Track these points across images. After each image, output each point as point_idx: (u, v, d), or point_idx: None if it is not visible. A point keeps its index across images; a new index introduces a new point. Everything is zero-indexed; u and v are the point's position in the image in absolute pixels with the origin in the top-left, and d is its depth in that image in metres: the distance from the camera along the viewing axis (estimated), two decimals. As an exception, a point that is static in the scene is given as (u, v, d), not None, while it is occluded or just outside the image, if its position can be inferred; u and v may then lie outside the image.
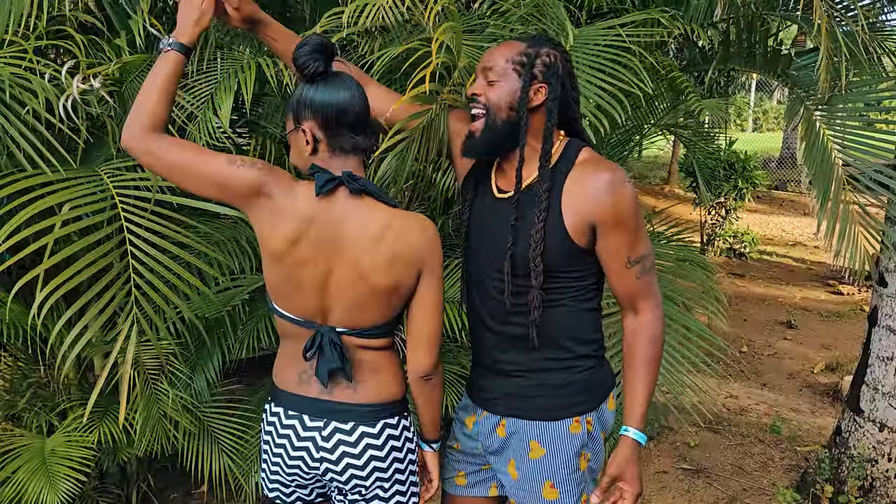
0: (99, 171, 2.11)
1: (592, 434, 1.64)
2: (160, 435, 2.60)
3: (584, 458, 1.64)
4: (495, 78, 1.56)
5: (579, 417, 1.62)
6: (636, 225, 1.55)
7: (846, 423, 3.07)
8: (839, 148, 2.82)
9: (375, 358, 1.61)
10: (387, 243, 1.49)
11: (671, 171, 12.23)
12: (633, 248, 1.55)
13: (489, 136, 1.58)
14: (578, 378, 1.63)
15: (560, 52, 1.59)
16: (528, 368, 1.64)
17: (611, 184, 1.52)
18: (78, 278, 1.93)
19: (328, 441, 1.58)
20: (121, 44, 2.34)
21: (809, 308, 6.36)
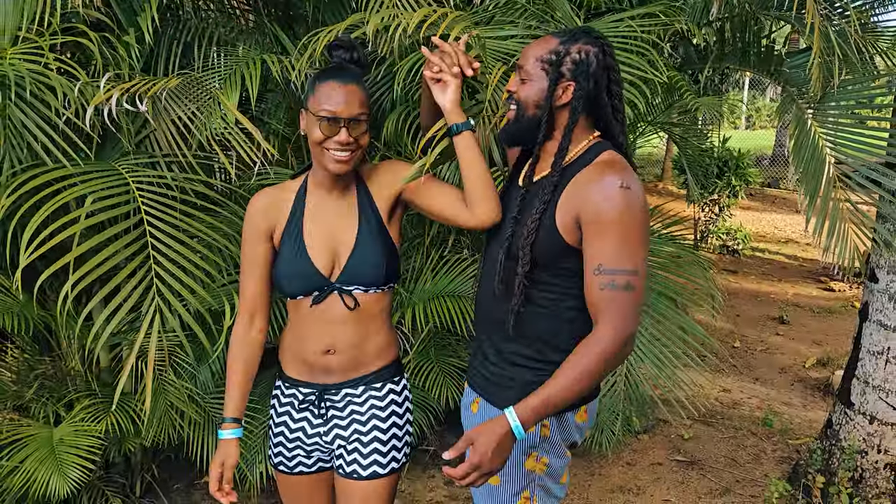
0: (116, 166, 2.16)
1: (549, 439, 1.63)
2: (167, 425, 2.65)
3: (532, 458, 1.64)
4: (525, 77, 1.59)
5: None
6: (623, 235, 1.46)
7: (837, 416, 3.14)
8: (830, 145, 2.89)
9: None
10: None
11: (665, 168, 12.31)
12: (610, 257, 1.45)
13: (515, 129, 1.63)
14: (540, 378, 1.57)
15: (598, 45, 1.56)
16: (502, 357, 1.66)
17: (605, 185, 1.47)
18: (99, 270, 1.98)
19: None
20: (129, 41, 2.39)
21: (801, 304, 6.45)
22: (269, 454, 1.92)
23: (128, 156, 2.25)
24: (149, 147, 2.41)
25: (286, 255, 1.69)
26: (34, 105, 2.03)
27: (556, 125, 1.60)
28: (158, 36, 2.72)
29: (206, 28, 2.89)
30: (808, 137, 2.90)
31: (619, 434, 3.53)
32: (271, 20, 3.20)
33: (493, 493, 1.68)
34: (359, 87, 1.62)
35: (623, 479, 3.41)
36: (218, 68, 2.75)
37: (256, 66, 2.68)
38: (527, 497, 1.67)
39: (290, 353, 1.77)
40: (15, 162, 2.06)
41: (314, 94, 1.61)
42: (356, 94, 1.61)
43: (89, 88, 2.06)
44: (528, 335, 1.62)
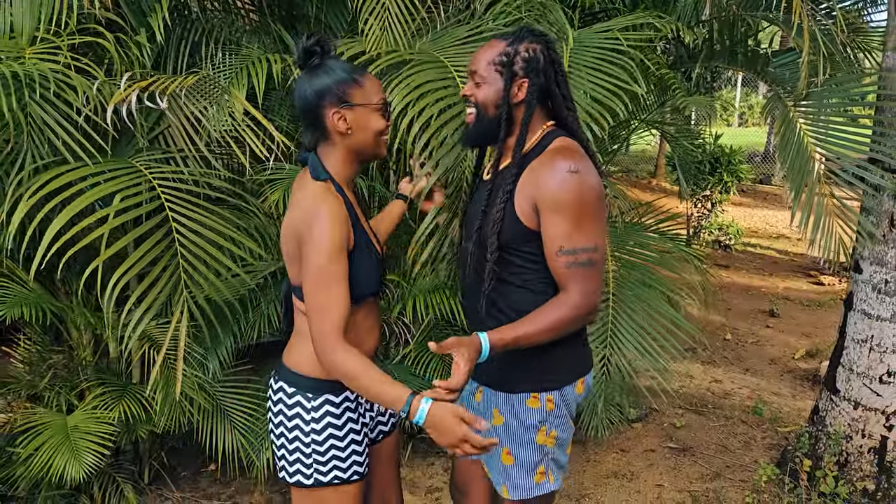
0: (135, 163, 2.24)
1: (555, 412, 1.75)
2: (177, 412, 2.75)
3: (542, 433, 1.75)
4: (480, 80, 1.69)
5: (538, 394, 1.74)
6: (577, 216, 1.56)
7: (823, 403, 3.26)
8: (815, 142, 3.00)
9: (301, 321, 1.70)
10: (293, 201, 1.65)
11: (658, 164, 12.42)
12: (568, 238, 1.57)
13: (477, 130, 1.74)
14: (543, 358, 1.72)
15: (542, 42, 1.67)
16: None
17: (556, 170, 1.57)
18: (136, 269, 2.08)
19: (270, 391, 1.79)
20: (142, 40, 2.47)
21: (791, 298, 6.57)
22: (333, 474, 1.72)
23: (142, 152, 2.34)
24: (161, 143, 2.50)
25: (365, 257, 1.66)
26: (54, 103, 2.12)
27: (514, 120, 1.71)
28: (168, 35, 2.81)
29: (213, 29, 2.98)
30: (793, 134, 3.01)
31: (614, 422, 3.65)
32: (275, 20, 3.29)
33: (509, 472, 1.79)
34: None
35: (617, 465, 3.51)
36: (225, 67, 2.84)
37: (262, 65, 2.77)
38: (542, 472, 1.79)
39: None
40: (37, 158, 2.15)
41: (361, 88, 1.62)
42: None
43: (107, 87, 2.15)
44: (505, 311, 1.72)
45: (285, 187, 2.76)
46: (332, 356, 1.50)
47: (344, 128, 1.61)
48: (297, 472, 1.72)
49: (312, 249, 1.53)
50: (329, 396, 1.70)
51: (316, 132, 1.66)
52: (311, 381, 1.69)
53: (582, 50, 2.57)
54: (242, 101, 2.28)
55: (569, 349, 1.76)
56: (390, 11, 2.61)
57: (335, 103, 1.60)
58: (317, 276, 1.52)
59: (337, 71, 1.61)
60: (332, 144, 1.65)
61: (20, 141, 2.10)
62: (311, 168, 1.64)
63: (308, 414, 1.69)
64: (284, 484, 1.80)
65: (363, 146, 1.66)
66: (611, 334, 3.01)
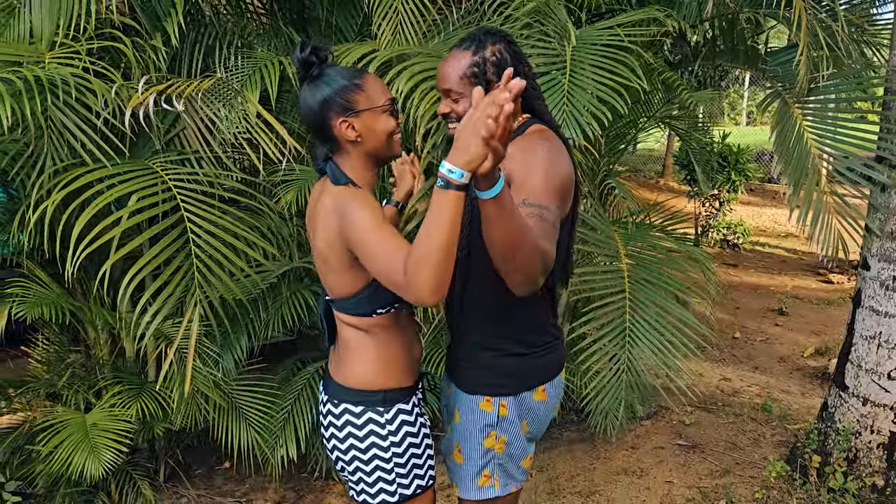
0: (152, 165, 2.29)
1: (507, 418, 1.75)
2: (193, 410, 2.79)
3: (491, 437, 1.76)
4: (457, 96, 1.68)
5: (491, 398, 1.74)
6: (544, 180, 1.53)
7: (832, 399, 3.27)
8: (815, 138, 3.01)
9: (351, 335, 1.66)
10: (315, 214, 1.60)
11: (666, 164, 12.43)
12: (533, 192, 1.52)
13: None
14: (502, 363, 1.73)
15: (503, 41, 1.66)
16: (460, 340, 1.79)
17: (529, 144, 1.58)
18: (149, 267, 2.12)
19: (324, 417, 1.72)
20: (157, 44, 2.52)
21: (800, 296, 6.57)
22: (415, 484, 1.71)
23: (158, 154, 2.39)
24: (176, 145, 2.56)
25: None
26: (74, 107, 2.17)
27: None
28: (182, 39, 2.86)
29: (226, 32, 3.03)
30: (793, 131, 3.03)
31: (623, 420, 3.67)
32: (286, 23, 3.34)
33: (458, 471, 1.82)
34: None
35: (627, 462, 3.54)
36: (238, 70, 2.89)
37: (275, 68, 2.82)
38: (486, 476, 1.79)
39: (400, 364, 1.69)
40: (57, 160, 2.20)
41: (364, 92, 1.57)
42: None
43: (125, 90, 2.19)
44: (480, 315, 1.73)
45: (299, 187, 2.80)
46: (413, 278, 1.32)
47: (353, 136, 1.57)
48: (380, 492, 1.67)
49: (357, 227, 1.47)
50: (401, 405, 1.66)
51: (327, 143, 1.62)
52: (380, 395, 1.63)
53: (584, 47, 2.60)
54: (255, 103, 2.33)
55: (531, 357, 1.77)
56: (402, 14, 2.65)
57: (340, 112, 1.56)
58: (370, 239, 1.45)
59: (337, 79, 1.56)
60: (346, 153, 1.61)
61: (40, 144, 2.15)
62: (331, 175, 1.60)
63: (383, 429, 1.64)
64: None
65: (377, 149, 1.62)
66: (629, 334, 3.04)
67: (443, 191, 1.26)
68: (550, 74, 2.56)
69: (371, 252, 1.44)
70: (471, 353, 1.77)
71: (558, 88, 2.51)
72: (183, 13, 2.92)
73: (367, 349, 1.64)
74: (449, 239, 1.27)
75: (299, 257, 3.13)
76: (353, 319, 1.63)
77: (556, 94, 2.50)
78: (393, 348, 1.67)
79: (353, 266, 1.55)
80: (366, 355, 1.64)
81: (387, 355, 1.66)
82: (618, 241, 3.11)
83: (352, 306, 1.61)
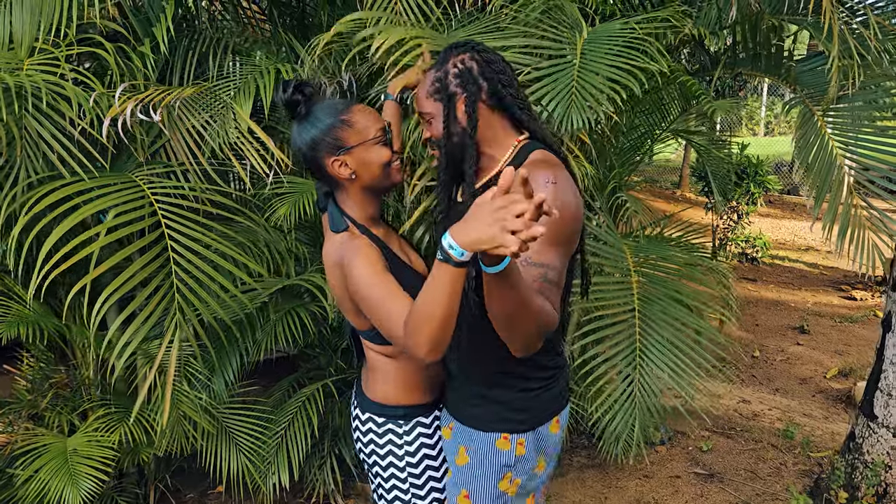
0: (134, 177, 2.16)
1: (524, 457, 1.61)
2: (179, 436, 2.65)
3: (506, 479, 1.61)
4: (429, 117, 1.58)
5: (509, 435, 1.60)
6: (549, 231, 1.38)
7: (860, 429, 3.07)
8: (842, 149, 2.84)
9: (375, 358, 1.71)
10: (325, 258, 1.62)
11: (683, 175, 12.21)
12: (537, 251, 1.39)
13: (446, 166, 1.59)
14: (517, 397, 1.61)
15: (468, 51, 1.54)
16: (467, 375, 1.65)
17: (534, 181, 1.41)
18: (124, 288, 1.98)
19: (353, 421, 1.82)
20: (145, 51, 2.39)
21: (822, 313, 6.34)
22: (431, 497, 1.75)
23: (142, 167, 2.25)
24: (162, 157, 2.42)
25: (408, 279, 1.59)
26: (50, 116, 2.04)
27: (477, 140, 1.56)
28: (174, 46, 2.73)
29: (221, 38, 2.90)
30: (819, 141, 2.85)
31: (636, 446, 3.49)
32: (286, 29, 3.21)
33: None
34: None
35: (640, 491, 3.35)
36: (232, 77, 2.76)
37: (270, 75, 2.68)
38: None
39: (420, 383, 1.72)
40: (31, 173, 2.07)
41: (352, 127, 1.54)
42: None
43: (105, 99, 2.06)
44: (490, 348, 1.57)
45: (293, 201, 2.66)
46: (411, 339, 1.30)
47: (347, 173, 1.57)
48: (395, 500, 1.76)
49: (357, 284, 1.51)
50: (420, 419, 1.73)
51: (324, 181, 1.63)
52: (401, 410, 1.71)
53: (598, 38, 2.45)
54: (242, 113, 2.19)
55: (544, 389, 1.64)
56: (402, 15, 2.50)
57: (331, 152, 1.55)
58: (370, 295, 1.48)
59: (323, 118, 1.55)
60: (344, 190, 1.61)
61: (14, 155, 2.02)
62: (331, 220, 1.61)
63: (400, 439, 1.71)
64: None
65: (374, 183, 1.60)
66: (639, 353, 2.86)
67: (442, 264, 1.19)
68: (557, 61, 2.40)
69: (372, 308, 1.49)
70: (481, 390, 1.63)
71: (567, 72, 2.34)
72: (177, 19, 2.80)
73: (389, 371, 1.70)
74: (447, 310, 1.23)
75: (297, 272, 2.98)
76: (376, 347, 1.68)
77: (564, 77, 2.33)
78: (413, 369, 1.70)
79: (359, 310, 1.61)
80: (389, 377, 1.70)
81: (408, 376, 1.70)
82: (628, 256, 2.93)
83: (373, 337, 1.66)
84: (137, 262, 1.96)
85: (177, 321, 2.02)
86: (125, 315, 2.15)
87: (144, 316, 2.01)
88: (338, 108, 1.55)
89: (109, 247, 2.36)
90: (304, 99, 1.55)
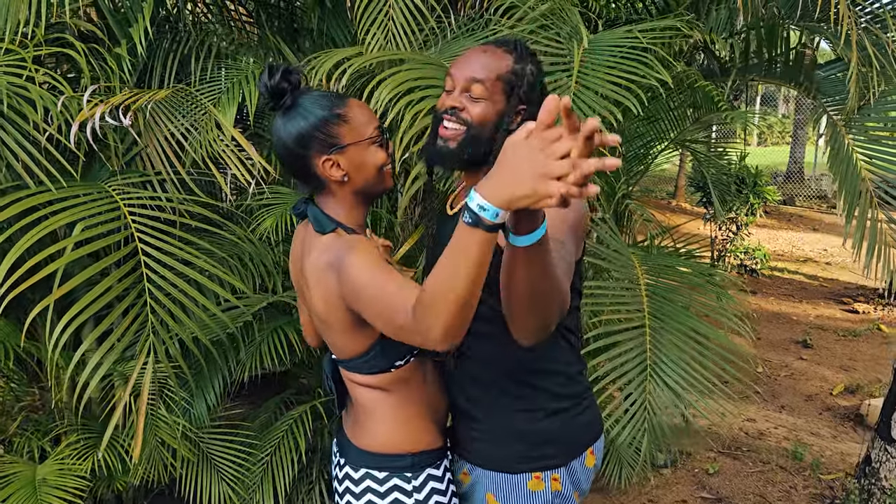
0: (106, 187, 1.99)
1: (561, 493, 1.45)
2: (157, 463, 2.48)
3: None
4: (481, 95, 1.36)
5: (541, 473, 1.44)
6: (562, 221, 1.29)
7: (877, 453, 2.93)
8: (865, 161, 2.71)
9: (367, 397, 1.45)
10: (304, 267, 1.38)
11: (678, 185, 12.12)
12: (558, 229, 1.26)
13: (465, 151, 1.38)
14: (542, 427, 1.44)
15: (538, 65, 1.43)
16: (481, 407, 1.47)
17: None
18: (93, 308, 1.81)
19: (339, 482, 1.50)
20: (121, 52, 2.24)
21: (824, 326, 6.21)
22: None
23: (116, 176, 2.09)
24: (139, 166, 2.26)
25: None
26: (14, 121, 1.88)
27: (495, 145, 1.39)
28: (153, 49, 2.58)
29: (206, 41, 2.75)
30: (843, 151, 2.73)
31: (640, 468, 3.33)
32: (274, 33, 3.06)
33: None
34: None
35: (645, 517, 3.20)
36: (216, 82, 2.60)
37: (257, 81, 2.53)
38: None
39: (427, 422, 1.48)
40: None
41: (348, 123, 1.34)
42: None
43: (74, 103, 1.90)
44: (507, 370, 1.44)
45: (279, 212, 2.50)
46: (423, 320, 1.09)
47: (339, 175, 1.35)
48: None
49: (352, 274, 1.25)
50: (430, 471, 1.45)
51: (308, 184, 1.39)
52: (407, 459, 1.43)
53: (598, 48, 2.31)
54: (224, 121, 2.04)
55: (572, 413, 1.47)
56: (394, 21, 2.36)
57: (322, 150, 1.33)
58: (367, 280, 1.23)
59: (314, 110, 1.33)
60: (331, 193, 1.39)
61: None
62: (315, 223, 1.36)
63: (409, 497, 1.43)
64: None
65: (366, 187, 1.39)
66: (649, 369, 2.71)
67: (470, 228, 0.97)
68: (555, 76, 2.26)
69: (369, 296, 1.22)
70: (499, 423, 1.45)
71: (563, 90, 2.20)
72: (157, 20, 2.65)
73: (387, 410, 1.44)
74: (471, 285, 1.02)
75: (284, 288, 2.82)
76: (368, 379, 1.42)
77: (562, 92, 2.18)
78: (417, 405, 1.45)
79: (356, 324, 1.34)
80: (388, 417, 1.43)
81: (411, 414, 1.45)
82: (636, 266, 2.78)
83: (364, 365, 1.40)
84: (110, 278, 1.80)
85: (150, 343, 1.86)
86: (97, 333, 1.99)
87: (118, 334, 1.84)
88: (331, 101, 1.34)
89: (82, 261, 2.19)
90: (291, 87, 1.33)
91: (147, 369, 1.89)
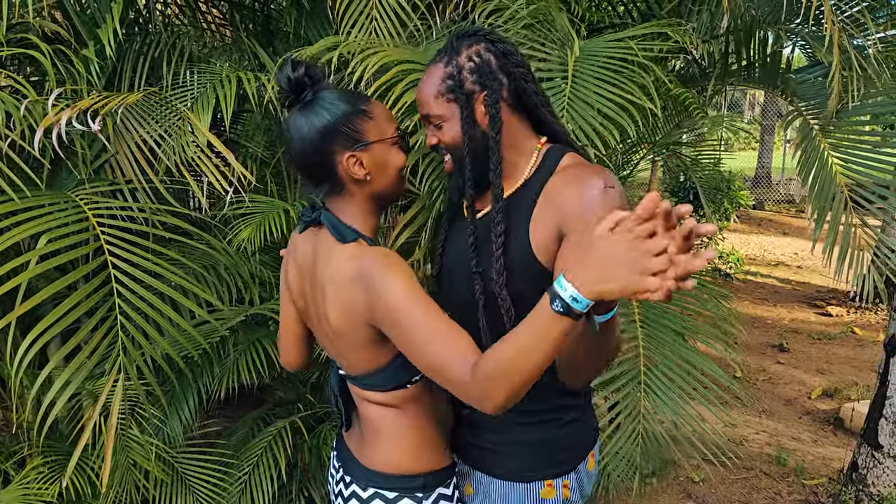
0: (74, 196, 1.88)
1: (570, 499, 1.41)
2: (129, 486, 2.36)
3: None
4: (438, 120, 1.34)
5: (552, 481, 1.39)
6: None
7: (863, 459, 2.91)
8: (841, 165, 2.69)
9: (378, 415, 1.38)
10: (326, 278, 1.28)
11: (651, 189, 12.19)
12: None
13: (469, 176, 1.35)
14: (556, 434, 1.40)
15: (482, 39, 1.33)
16: (494, 420, 1.41)
17: (587, 188, 1.23)
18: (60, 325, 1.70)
19: (345, 500, 1.43)
20: (89, 55, 2.13)
21: (799, 330, 6.25)
22: None
23: (84, 184, 1.98)
24: (108, 174, 2.14)
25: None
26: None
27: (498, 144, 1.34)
28: (122, 51, 2.47)
29: (177, 43, 2.64)
30: (817, 155, 2.71)
31: (627, 478, 3.28)
32: (249, 36, 2.97)
33: None
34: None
35: (633, 528, 3.15)
36: (189, 86, 2.50)
37: (231, 84, 2.43)
38: None
39: (437, 440, 1.42)
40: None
41: (372, 120, 1.28)
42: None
43: (38, 107, 1.79)
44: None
45: (257, 222, 2.41)
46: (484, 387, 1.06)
47: (362, 173, 1.28)
48: None
49: (391, 305, 1.17)
50: (441, 490, 1.39)
51: (324, 183, 1.31)
52: (419, 480, 1.37)
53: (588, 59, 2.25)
54: (197, 123, 1.94)
55: (582, 422, 1.45)
56: (377, 23, 2.28)
57: (347, 145, 1.26)
58: (412, 320, 1.15)
59: (339, 104, 1.26)
60: (349, 195, 1.31)
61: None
62: (334, 231, 1.29)
63: None
64: None
65: (385, 189, 1.33)
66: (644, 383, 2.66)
67: (558, 316, 0.96)
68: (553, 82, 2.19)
69: (415, 338, 1.15)
70: (515, 434, 1.40)
71: (556, 101, 2.13)
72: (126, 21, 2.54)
73: (399, 429, 1.38)
74: (543, 364, 1.01)
75: (262, 299, 2.72)
76: (382, 396, 1.36)
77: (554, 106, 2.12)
78: (428, 423, 1.40)
79: (376, 341, 1.27)
80: (400, 436, 1.38)
81: (423, 434, 1.39)
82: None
83: (379, 381, 1.34)
84: (79, 293, 1.69)
85: (120, 362, 1.75)
86: (65, 351, 1.87)
87: (87, 352, 1.73)
88: (355, 97, 1.29)
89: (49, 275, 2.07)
90: (312, 82, 1.27)
91: (117, 387, 1.78)
